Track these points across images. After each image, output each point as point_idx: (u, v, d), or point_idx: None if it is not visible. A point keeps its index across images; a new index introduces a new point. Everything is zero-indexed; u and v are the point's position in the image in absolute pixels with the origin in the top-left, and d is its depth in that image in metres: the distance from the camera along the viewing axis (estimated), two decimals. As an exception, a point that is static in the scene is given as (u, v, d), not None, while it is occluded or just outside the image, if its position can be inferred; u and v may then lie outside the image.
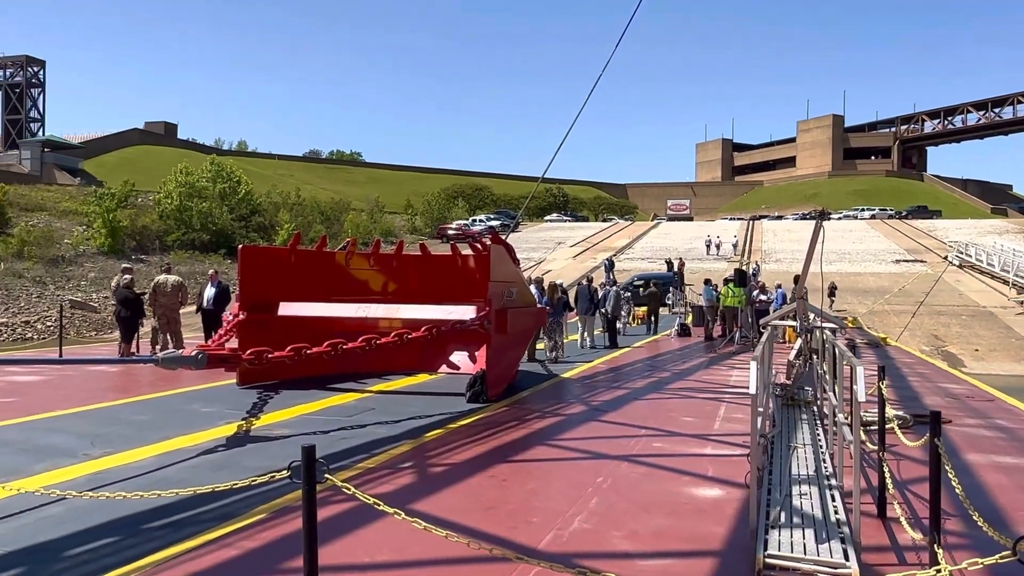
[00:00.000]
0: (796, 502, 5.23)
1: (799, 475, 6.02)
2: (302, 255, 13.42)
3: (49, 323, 33.64)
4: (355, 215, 63.19)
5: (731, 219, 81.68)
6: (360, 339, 9.63)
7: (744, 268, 30.89)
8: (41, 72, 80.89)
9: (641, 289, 30.54)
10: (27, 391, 11.38)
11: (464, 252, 14.36)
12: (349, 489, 3.02)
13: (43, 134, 75.64)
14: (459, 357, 13.51)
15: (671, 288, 32.78)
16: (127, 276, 15.20)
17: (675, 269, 39.08)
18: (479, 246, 13.65)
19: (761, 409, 5.51)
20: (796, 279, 19.58)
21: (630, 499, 5.90)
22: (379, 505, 2.96)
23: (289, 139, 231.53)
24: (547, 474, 7.00)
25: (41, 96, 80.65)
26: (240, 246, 12.59)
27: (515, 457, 7.40)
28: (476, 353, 13.14)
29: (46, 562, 4.57)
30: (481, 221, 66.54)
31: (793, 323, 11.45)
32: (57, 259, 41.37)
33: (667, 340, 22.11)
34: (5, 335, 32.03)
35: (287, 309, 12.09)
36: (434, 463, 7.09)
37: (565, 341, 16.96)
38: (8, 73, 79.67)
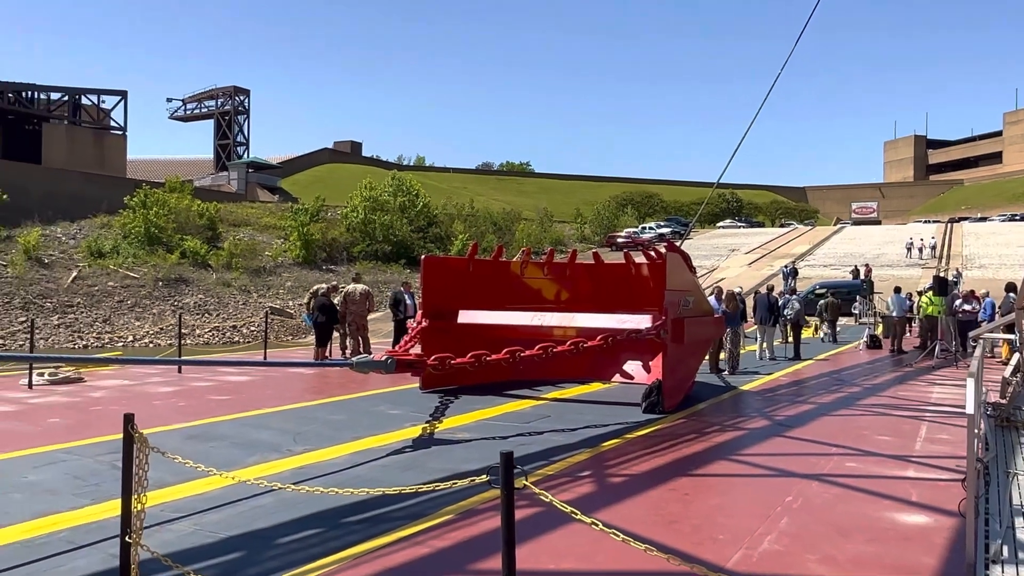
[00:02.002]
0: (1020, 535, 4.71)
1: (1021, 505, 5.41)
2: (479, 265, 13.85)
3: (252, 328, 36.92)
4: (526, 225, 64.40)
5: (926, 222, 75.20)
6: (537, 347, 9.77)
7: (944, 275, 28.29)
8: (246, 100, 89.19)
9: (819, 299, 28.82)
10: (238, 390, 12.54)
11: (638, 260, 14.22)
12: (546, 496, 3.05)
13: (248, 156, 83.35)
14: (633, 367, 13.37)
15: (858, 297, 30.74)
16: (325, 285, 16.40)
17: (862, 276, 36.60)
18: (653, 254, 13.48)
19: (977, 431, 5.02)
20: (1010, 287, 17.66)
21: (824, 521, 5.56)
22: (576, 514, 2.97)
23: (463, 153, 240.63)
24: (731, 490, 6.75)
25: (246, 122, 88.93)
26: (423, 257, 13.20)
27: (696, 471, 7.19)
28: (651, 363, 12.94)
29: (260, 548, 4.99)
30: (651, 229, 65.60)
31: (1010, 336, 10.33)
32: (259, 269, 45.36)
33: (855, 352, 20.70)
34: (217, 338, 35.54)
35: (466, 317, 12.50)
36: (613, 473, 7.05)
37: (743, 352, 16.32)
38: (220, 102, 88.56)
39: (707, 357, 14.43)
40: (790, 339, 19.49)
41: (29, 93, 68.74)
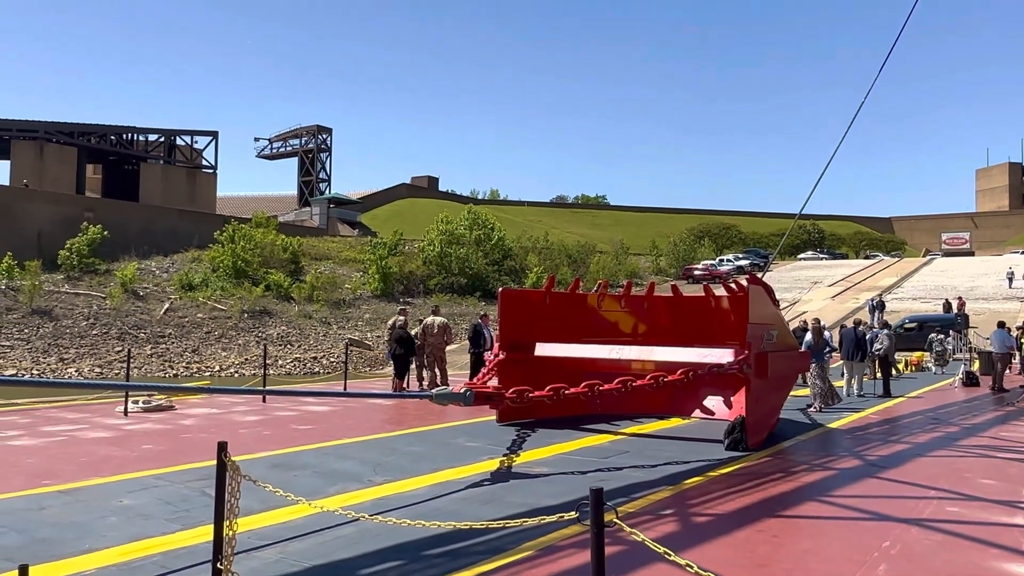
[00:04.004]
0: None
1: None
2: (556, 297, 13.82)
3: (332, 359, 37.77)
4: (600, 257, 64.17)
5: (1023, 252, 71.43)
6: (616, 381, 9.64)
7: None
8: (328, 138, 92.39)
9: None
10: (320, 420, 12.79)
11: (718, 293, 13.94)
12: (637, 535, 2.97)
13: (329, 192, 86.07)
14: (714, 402, 13.04)
15: (950, 331, 29.31)
16: (402, 317, 16.65)
17: (955, 310, 34.92)
18: (734, 286, 13.19)
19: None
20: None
21: (927, 569, 5.24)
22: (669, 554, 2.88)
23: (537, 186, 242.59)
24: (823, 533, 6.45)
25: (328, 159, 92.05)
26: (500, 290, 13.25)
27: (784, 512, 6.91)
28: (732, 398, 12.60)
29: (344, 578, 5.02)
30: (728, 261, 64.39)
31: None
32: (339, 302, 46.50)
33: (950, 390, 19.68)
34: (298, 369, 36.48)
35: (543, 350, 12.46)
36: (697, 512, 6.84)
37: (833, 386, 15.72)
38: (303, 141, 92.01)
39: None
40: (879, 375, 18.70)
41: (129, 136, 72.92)
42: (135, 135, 73.22)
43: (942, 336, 26.02)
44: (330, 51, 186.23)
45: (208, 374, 34.24)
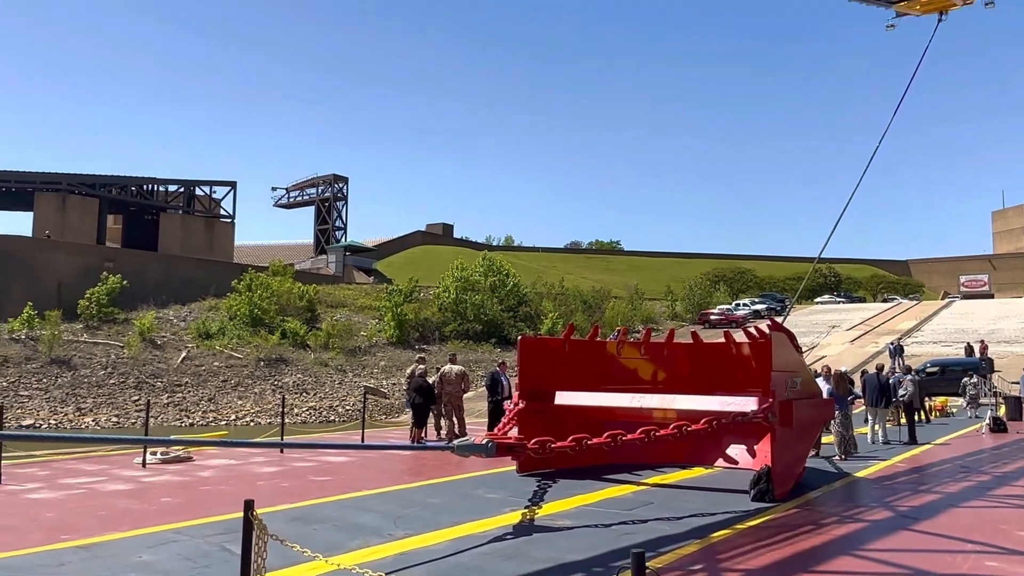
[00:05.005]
0: None
1: None
2: (575, 344, 13.73)
3: (347, 407, 37.61)
4: (616, 303, 63.93)
5: (1045, 295, 70.61)
6: (639, 431, 9.51)
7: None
8: (345, 187, 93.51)
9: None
10: (338, 470, 12.66)
11: (738, 339, 13.81)
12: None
13: (345, 240, 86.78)
14: (737, 451, 12.83)
15: (974, 375, 28.85)
16: (421, 366, 16.57)
17: (977, 354, 34.47)
18: (755, 332, 13.08)
19: None
20: None
21: (971, 630, 5.05)
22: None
23: (551, 232, 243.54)
24: (858, 590, 6.26)
25: (344, 207, 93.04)
26: (519, 337, 13.20)
27: (818, 567, 6.72)
28: (756, 447, 12.40)
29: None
30: (745, 305, 64.04)
31: None
32: (355, 349, 46.45)
33: (977, 436, 19.29)
34: (314, 417, 36.33)
35: (563, 398, 12.35)
36: (728, 567, 6.66)
37: (854, 435, 15.45)
38: (320, 190, 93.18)
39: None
40: (903, 421, 18.38)
41: (149, 186, 74.16)
42: (155, 186, 74.41)
43: (975, 380, 25.74)
44: (346, 98, 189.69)
45: (224, 423, 34.15)
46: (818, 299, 77.10)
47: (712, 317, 57.81)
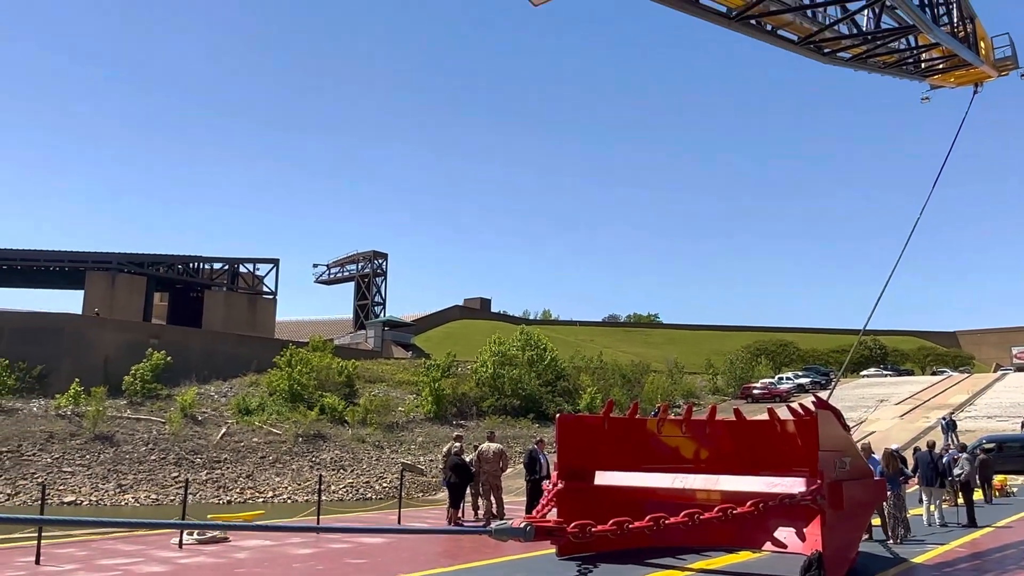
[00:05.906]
0: None
1: None
2: (615, 422, 13.50)
3: (384, 484, 37.25)
4: (655, 377, 63.09)
5: (1102, 366, 67.99)
6: (682, 514, 9.23)
7: None
8: (384, 263, 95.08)
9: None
10: (374, 553, 12.44)
11: (783, 416, 13.46)
12: None
13: (384, 315, 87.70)
14: (785, 533, 12.33)
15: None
16: (457, 444, 16.40)
17: (1036, 429, 33.08)
18: (800, 410, 12.76)
19: None
20: None
21: None
22: None
23: (589, 306, 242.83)
24: None
25: (384, 283, 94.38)
26: (558, 415, 13.04)
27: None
28: (805, 530, 11.90)
29: None
30: (788, 379, 62.77)
31: None
32: (392, 425, 46.30)
33: (1041, 518, 18.32)
34: (351, 495, 36.01)
35: (603, 478, 12.07)
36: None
37: (907, 516, 14.79)
38: (360, 266, 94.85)
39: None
40: (960, 502, 17.58)
41: (195, 264, 76.21)
42: (200, 264, 76.45)
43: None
44: (385, 174, 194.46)
45: (261, 500, 34.00)
46: (864, 372, 75.27)
47: (755, 391, 56.71)
